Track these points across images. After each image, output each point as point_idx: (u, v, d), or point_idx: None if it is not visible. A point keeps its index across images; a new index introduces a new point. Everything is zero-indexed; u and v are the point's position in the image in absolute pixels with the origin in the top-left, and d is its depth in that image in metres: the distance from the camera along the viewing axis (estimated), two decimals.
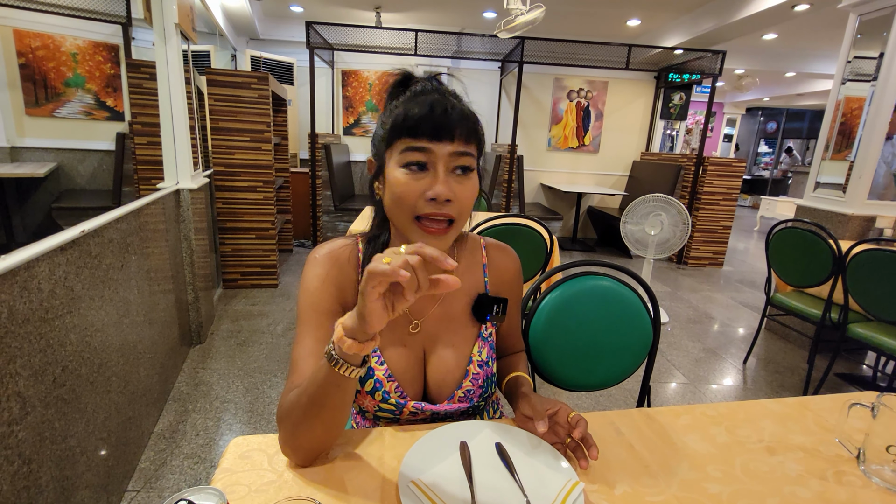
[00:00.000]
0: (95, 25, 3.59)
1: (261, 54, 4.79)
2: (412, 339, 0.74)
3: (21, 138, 3.67)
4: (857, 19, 2.82)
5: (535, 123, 5.40)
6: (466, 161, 0.63)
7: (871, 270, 1.93)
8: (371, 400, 0.72)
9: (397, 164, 0.63)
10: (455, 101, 0.64)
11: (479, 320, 0.77)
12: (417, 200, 0.62)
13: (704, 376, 2.46)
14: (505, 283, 0.82)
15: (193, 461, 1.61)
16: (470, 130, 0.63)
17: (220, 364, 2.28)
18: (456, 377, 0.74)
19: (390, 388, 0.71)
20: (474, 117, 0.65)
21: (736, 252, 5.57)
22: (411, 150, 0.61)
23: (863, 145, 2.77)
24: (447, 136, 0.61)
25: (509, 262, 0.83)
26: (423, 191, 0.61)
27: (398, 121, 0.62)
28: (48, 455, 1.04)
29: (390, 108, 0.66)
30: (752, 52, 5.75)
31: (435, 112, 0.61)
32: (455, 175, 0.63)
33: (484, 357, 0.76)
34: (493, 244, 0.83)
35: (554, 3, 4.29)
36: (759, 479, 0.63)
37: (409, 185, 0.61)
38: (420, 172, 0.62)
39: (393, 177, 0.63)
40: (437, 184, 0.61)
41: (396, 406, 0.72)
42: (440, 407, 0.74)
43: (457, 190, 0.62)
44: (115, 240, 1.48)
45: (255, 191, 3.14)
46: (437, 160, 0.61)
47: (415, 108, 0.61)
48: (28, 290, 0.99)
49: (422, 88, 0.66)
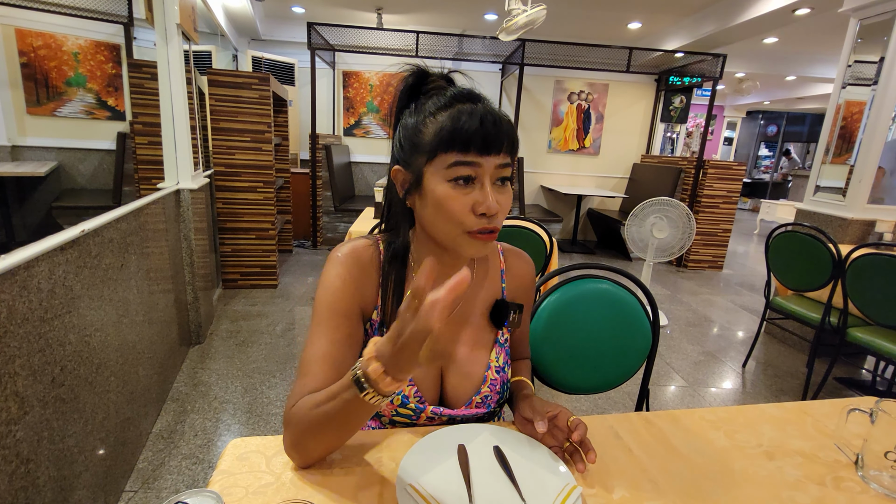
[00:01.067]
0: (97, 25, 3.60)
1: (262, 55, 4.80)
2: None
3: (22, 137, 3.67)
4: (858, 23, 2.83)
5: (536, 125, 5.41)
6: (508, 172, 0.63)
7: (871, 275, 1.93)
8: (389, 405, 0.71)
9: (443, 178, 0.61)
10: (497, 112, 0.62)
11: (497, 326, 0.77)
12: (466, 216, 0.61)
13: (703, 380, 2.46)
14: (521, 288, 0.82)
15: (192, 462, 1.61)
16: (512, 141, 0.63)
17: (219, 364, 2.28)
18: (474, 383, 0.74)
19: (409, 392, 0.71)
20: (513, 125, 0.65)
21: (736, 255, 5.57)
22: (461, 164, 0.60)
23: (863, 149, 2.78)
24: (496, 149, 0.60)
25: (527, 267, 0.83)
26: (471, 205, 0.61)
27: (444, 133, 0.60)
28: (46, 455, 1.04)
29: (420, 118, 0.64)
30: (752, 56, 5.76)
31: (486, 125, 0.59)
32: (497, 186, 0.63)
33: (501, 363, 0.76)
34: (511, 249, 0.83)
35: (555, 6, 4.30)
36: (758, 484, 0.63)
37: (459, 199, 0.61)
38: (466, 187, 0.61)
39: (439, 191, 0.62)
40: (486, 198, 0.60)
41: (414, 411, 0.71)
42: (458, 412, 0.73)
43: (500, 201, 0.62)
44: (115, 239, 1.48)
45: (255, 191, 3.14)
46: (483, 174, 0.61)
47: (463, 120, 0.60)
48: (27, 289, 0.99)
49: (455, 95, 0.64)
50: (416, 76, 0.68)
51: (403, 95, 0.68)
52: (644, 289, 1.09)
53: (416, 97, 0.67)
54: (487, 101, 0.65)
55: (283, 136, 4.13)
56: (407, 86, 0.68)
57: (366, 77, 5.08)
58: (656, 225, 2.79)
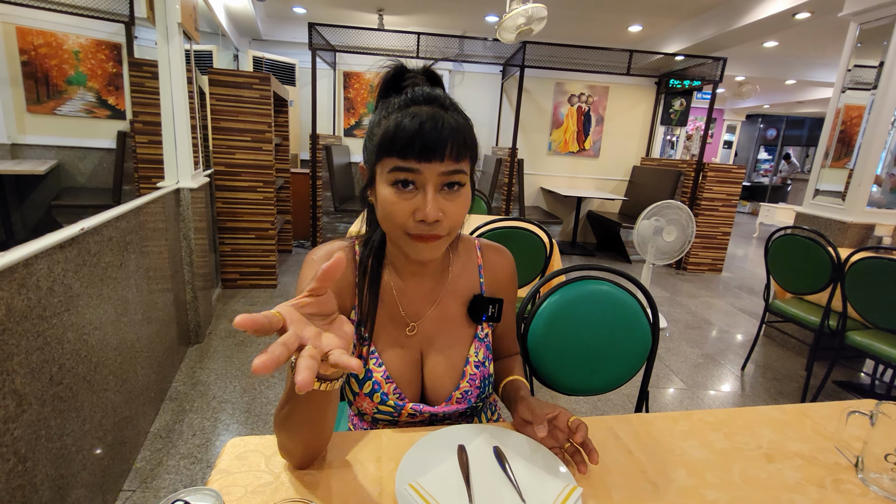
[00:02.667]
0: (98, 24, 3.60)
1: (263, 55, 4.80)
2: (409, 342, 0.75)
3: (22, 135, 3.67)
4: (858, 28, 2.83)
5: (536, 127, 5.41)
6: (457, 178, 0.61)
7: (870, 278, 1.93)
8: (369, 402, 0.72)
9: (386, 181, 0.61)
10: (445, 113, 0.60)
11: (475, 321, 0.77)
12: (407, 220, 0.61)
13: (702, 382, 2.46)
14: (500, 283, 0.81)
15: (190, 461, 1.61)
16: (461, 146, 0.60)
17: (217, 364, 2.27)
18: (453, 378, 0.74)
19: (388, 389, 0.71)
20: (466, 129, 0.62)
21: (735, 258, 5.58)
22: (399, 170, 0.59)
23: (862, 153, 2.78)
24: (437, 156, 0.58)
25: (504, 262, 0.82)
26: (413, 210, 0.60)
27: (386, 138, 0.59)
28: (44, 453, 1.04)
29: (380, 117, 0.63)
30: (752, 60, 5.77)
31: (424, 130, 0.58)
32: (445, 192, 0.61)
33: (480, 358, 0.76)
34: (488, 245, 0.83)
35: (556, 8, 4.30)
36: (758, 486, 0.63)
37: (398, 203, 0.60)
38: (408, 192, 0.60)
39: (382, 194, 0.62)
40: (426, 205, 0.59)
41: (395, 408, 0.72)
42: (438, 408, 0.74)
43: (446, 207, 0.61)
44: (115, 238, 1.48)
45: (255, 191, 3.13)
46: (426, 181, 0.59)
47: (404, 124, 0.58)
48: (27, 287, 0.98)
49: (412, 96, 0.62)
50: (395, 71, 0.67)
51: (383, 92, 0.68)
52: (644, 290, 1.09)
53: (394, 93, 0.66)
54: (441, 98, 0.62)
55: (283, 136, 4.13)
56: (385, 81, 0.67)
57: (366, 78, 5.09)
58: (665, 229, 2.77)
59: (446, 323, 0.76)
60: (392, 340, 0.73)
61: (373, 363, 0.72)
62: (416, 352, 0.75)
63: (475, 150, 0.65)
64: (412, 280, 0.75)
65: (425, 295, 0.75)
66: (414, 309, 0.75)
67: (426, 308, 0.75)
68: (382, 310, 0.73)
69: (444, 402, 0.74)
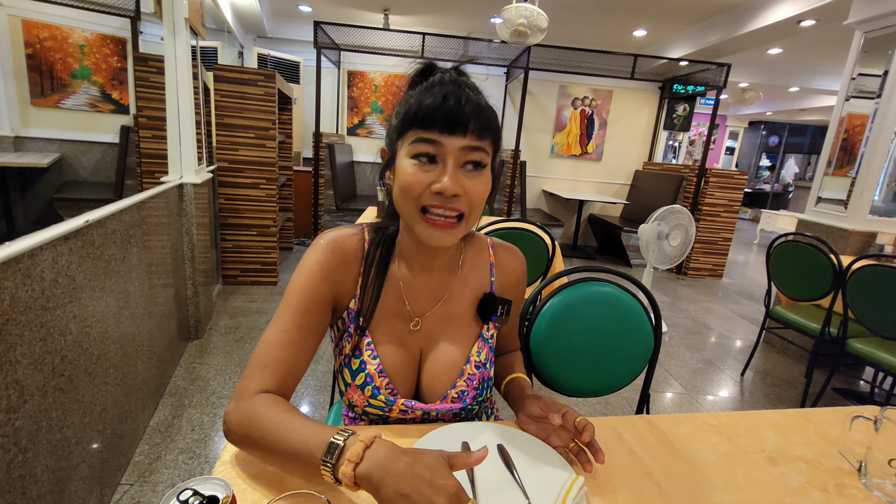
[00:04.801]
0: (104, 18, 3.61)
1: (268, 52, 4.81)
2: (411, 338, 0.73)
3: (25, 128, 3.67)
4: (863, 36, 2.84)
5: (539, 130, 5.42)
6: (478, 156, 0.62)
7: (872, 286, 1.94)
8: (360, 395, 0.70)
9: (407, 154, 0.62)
10: (471, 94, 0.62)
11: (483, 320, 0.76)
12: (423, 192, 0.61)
13: (702, 387, 2.46)
14: (511, 284, 0.80)
15: (188, 456, 1.61)
16: (484, 125, 0.61)
17: (217, 360, 2.27)
18: (451, 377, 0.72)
19: (380, 384, 0.69)
20: (491, 111, 0.63)
21: (735, 264, 5.58)
22: (421, 141, 0.60)
23: (865, 162, 2.79)
24: (460, 129, 0.59)
25: (516, 262, 0.81)
26: (430, 183, 0.60)
27: (411, 111, 0.61)
28: (44, 445, 1.03)
29: (406, 98, 0.65)
30: (756, 66, 5.78)
31: (448, 103, 0.59)
32: (466, 170, 0.62)
33: (482, 358, 0.75)
34: (500, 244, 0.82)
35: (561, 12, 4.31)
36: (761, 488, 0.63)
37: (417, 175, 0.60)
38: (429, 165, 0.61)
39: (401, 167, 0.62)
40: (444, 177, 0.60)
41: (385, 403, 0.69)
42: (431, 406, 0.71)
43: (467, 185, 0.61)
44: (118, 231, 1.48)
45: (257, 188, 3.14)
46: (447, 153, 0.60)
47: (428, 99, 0.60)
48: (31, 278, 0.98)
49: (440, 79, 0.64)
50: (424, 67, 0.68)
51: (411, 83, 0.69)
52: (647, 293, 1.09)
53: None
54: (467, 84, 0.64)
55: (286, 133, 4.13)
56: (415, 76, 0.69)
57: (370, 77, 5.09)
58: (671, 234, 2.77)
59: (452, 320, 0.74)
60: (393, 335, 0.72)
61: (367, 355, 0.70)
62: (417, 348, 0.73)
63: (498, 136, 0.65)
64: (421, 274, 0.74)
65: (433, 290, 0.74)
66: (420, 304, 0.74)
67: (433, 304, 0.74)
68: (387, 303, 0.72)
69: (438, 401, 0.72)
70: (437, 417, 0.73)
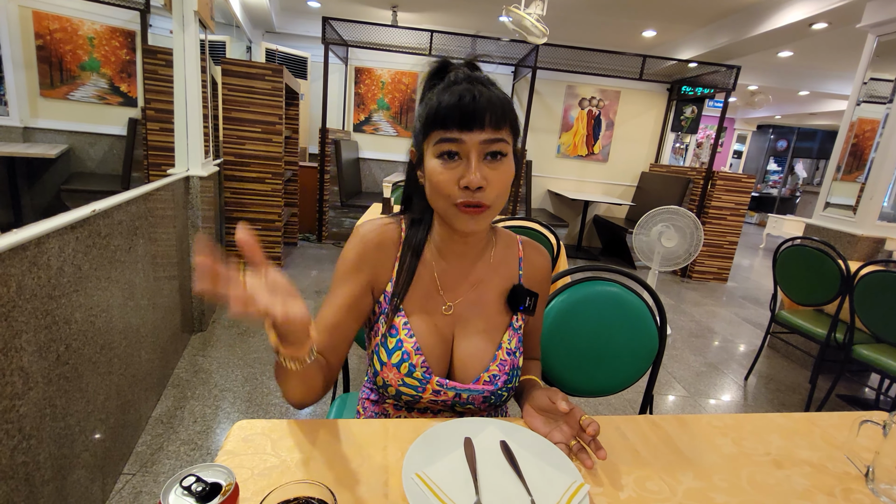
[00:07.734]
0: (114, 11, 3.62)
1: (276, 47, 4.81)
2: (443, 320, 0.76)
3: (34, 119, 3.70)
4: (876, 40, 2.81)
5: (546, 129, 5.40)
6: (498, 147, 0.65)
7: (880, 292, 1.92)
8: (396, 373, 0.72)
9: (433, 154, 0.66)
10: (483, 88, 0.65)
11: (513, 310, 0.78)
12: (453, 189, 0.65)
13: (705, 390, 2.45)
14: (536, 281, 0.82)
15: (190, 447, 1.61)
16: (499, 116, 0.64)
17: (220, 352, 2.28)
18: (483, 361, 0.75)
19: (417, 361, 0.72)
20: (505, 101, 0.66)
21: (740, 268, 5.55)
22: (444, 141, 0.64)
23: (875, 167, 2.76)
24: (477, 124, 0.63)
25: (543, 261, 0.84)
26: (458, 179, 0.65)
27: (430, 113, 0.65)
28: (48, 432, 1.04)
29: (425, 101, 0.68)
30: (766, 69, 5.74)
31: (463, 102, 0.63)
32: (488, 161, 0.65)
33: (513, 346, 0.77)
34: (529, 242, 0.85)
35: (570, 11, 4.30)
36: (766, 491, 0.62)
37: (444, 174, 0.65)
38: (453, 162, 0.65)
39: (430, 167, 0.67)
40: (469, 172, 0.64)
41: (420, 381, 0.72)
42: (464, 386, 0.73)
43: (490, 176, 0.65)
44: (124, 222, 1.49)
45: (263, 182, 3.14)
46: (469, 149, 0.64)
47: (445, 100, 0.64)
48: (37, 265, 0.99)
49: (454, 78, 0.68)
50: (439, 65, 0.72)
51: (427, 83, 0.72)
52: (652, 293, 1.08)
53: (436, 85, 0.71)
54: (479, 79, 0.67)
55: (293, 128, 4.14)
56: (431, 74, 0.72)
57: (378, 74, 5.09)
58: (664, 234, 2.77)
59: (483, 307, 0.77)
60: (427, 316, 0.75)
61: (404, 333, 0.73)
62: (450, 331, 0.76)
63: (515, 123, 0.68)
64: (454, 261, 0.77)
65: (465, 277, 0.77)
66: (452, 289, 0.77)
67: (465, 290, 0.77)
68: (420, 287, 0.75)
69: (471, 382, 0.74)
70: (467, 401, 0.74)
